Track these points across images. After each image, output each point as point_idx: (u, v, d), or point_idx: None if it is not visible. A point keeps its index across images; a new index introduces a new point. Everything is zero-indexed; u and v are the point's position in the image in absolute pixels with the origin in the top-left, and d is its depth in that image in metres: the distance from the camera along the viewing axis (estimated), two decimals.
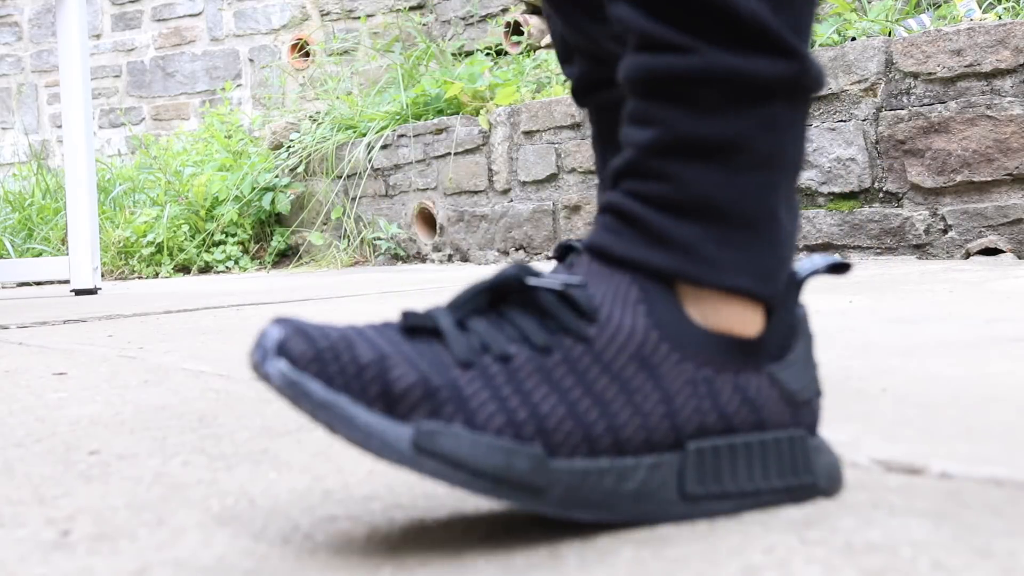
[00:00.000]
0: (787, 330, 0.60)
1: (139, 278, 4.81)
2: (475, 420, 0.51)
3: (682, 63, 0.56)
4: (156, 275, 4.85)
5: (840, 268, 0.62)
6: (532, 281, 0.56)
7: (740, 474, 0.56)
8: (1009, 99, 2.68)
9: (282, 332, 0.51)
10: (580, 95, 0.99)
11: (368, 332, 0.54)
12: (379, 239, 4.46)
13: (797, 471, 0.58)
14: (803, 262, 0.62)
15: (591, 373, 0.54)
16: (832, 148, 3.00)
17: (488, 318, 0.56)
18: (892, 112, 2.88)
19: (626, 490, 0.53)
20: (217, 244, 5.01)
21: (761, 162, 0.58)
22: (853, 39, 3.13)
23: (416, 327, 0.55)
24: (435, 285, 2.97)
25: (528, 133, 3.86)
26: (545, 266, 0.88)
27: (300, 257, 4.87)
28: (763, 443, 0.57)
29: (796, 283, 0.60)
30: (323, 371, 0.50)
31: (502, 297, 0.56)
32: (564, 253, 1.00)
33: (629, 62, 0.59)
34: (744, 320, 0.58)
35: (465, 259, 4.18)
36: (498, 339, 0.54)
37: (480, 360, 0.53)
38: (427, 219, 4.38)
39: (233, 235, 5.01)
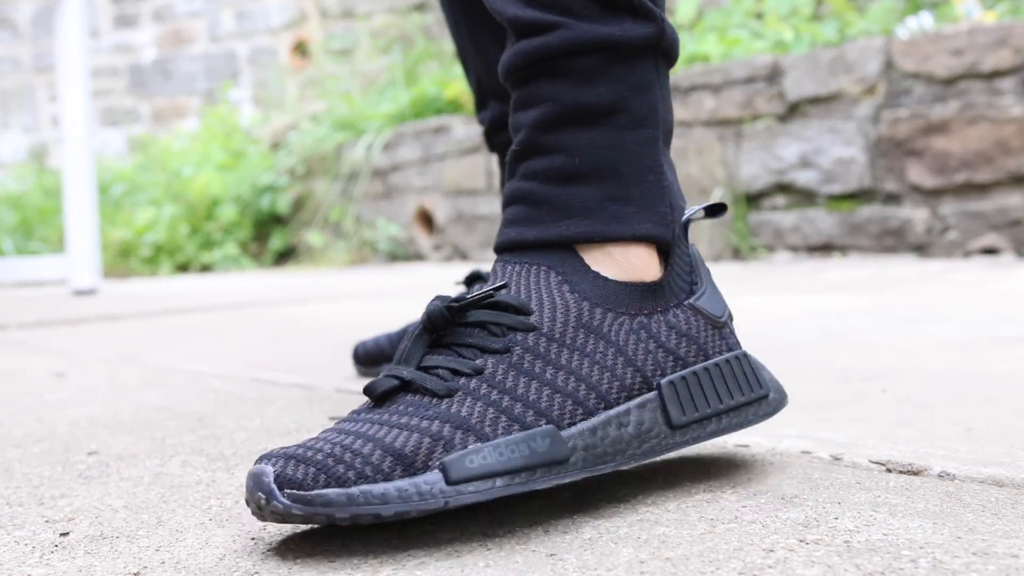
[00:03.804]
0: (687, 267, 0.66)
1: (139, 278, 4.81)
2: (483, 432, 0.55)
3: (555, 40, 0.62)
4: (155, 275, 4.85)
5: (717, 209, 0.69)
6: (458, 304, 0.60)
7: (711, 397, 0.63)
8: (1009, 99, 2.68)
9: (275, 466, 0.52)
10: (492, 137, 1.06)
11: (350, 426, 0.56)
12: (378, 239, 4.46)
13: (752, 386, 0.65)
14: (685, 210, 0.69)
15: (553, 351, 0.59)
16: (832, 148, 3.00)
17: (441, 352, 0.60)
18: (892, 112, 2.88)
19: (628, 434, 0.59)
20: (216, 244, 5.01)
21: (640, 120, 0.63)
22: (853, 39, 3.14)
23: (385, 392, 0.58)
24: (434, 285, 2.97)
25: None
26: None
27: (299, 257, 4.87)
28: (718, 366, 0.64)
29: (683, 227, 0.67)
30: (332, 477, 0.51)
31: (441, 332, 0.60)
32: (472, 280, 1.08)
33: (508, 54, 0.64)
34: (648, 266, 0.64)
35: (465, 259, 4.18)
36: (461, 362, 0.58)
37: (457, 383, 0.57)
38: (426, 219, 4.38)
39: (232, 235, 5.00)
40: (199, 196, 4.97)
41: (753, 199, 3.19)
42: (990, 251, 2.73)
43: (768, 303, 1.92)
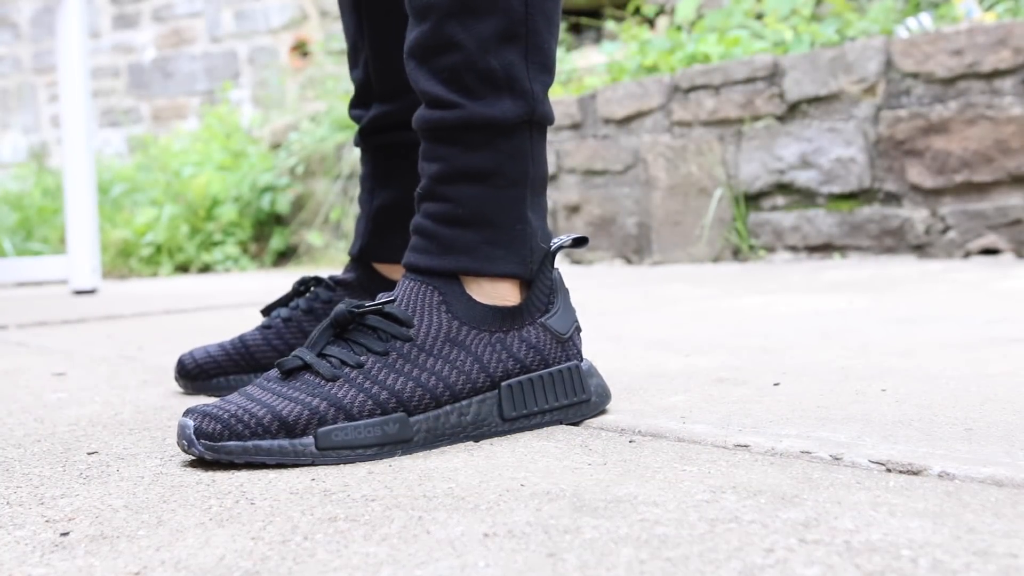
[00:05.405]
0: (547, 290, 0.84)
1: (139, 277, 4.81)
2: (352, 413, 0.74)
3: (452, 116, 0.80)
4: (155, 275, 4.85)
5: (580, 241, 0.86)
6: (358, 310, 0.78)
7: (539, 398, 0.82)
8: (1009, 99, 2.68)
9: (195, 421, 0.72)
10: (368, 135, 1.11)
11: (255, 392, 0.75)
12: None
13: (576, 391, 0.84)
14: (556, 238, 0.86)
15: (421, 358, 0.77)
16: (832, 148, 3.00)
17: (339, 344, 0.78)
18: (892, 112, 2.88)
19: (466, 421, 0.78)
20: (216, 244, 5.01)
21: (512, 182, 0.81)
22: (853, 39, 3.13)
23: (290, 369, 0.76)
24: None
25: None
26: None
27: (299, 257, 4.87)
28: (551, 375, 0.82)
29: (548, 254, 0.84)
30: (233, 433, 0.72)
31: (343, 327, 0.78)
32: (307, 286, 1.11)
33: (418, 114, 0.82)
34: (511, 294, 0.83)
35: None
36: (350, 355, 0.77)
37: (343, 372, 0.76)
38: None
39: (232, 235, 5.00)
40: (199, 196, 4.97)
41: (753, 199, 3.19)
42: (990, 251, 2.73)
43: (768, 303, 1.92)
